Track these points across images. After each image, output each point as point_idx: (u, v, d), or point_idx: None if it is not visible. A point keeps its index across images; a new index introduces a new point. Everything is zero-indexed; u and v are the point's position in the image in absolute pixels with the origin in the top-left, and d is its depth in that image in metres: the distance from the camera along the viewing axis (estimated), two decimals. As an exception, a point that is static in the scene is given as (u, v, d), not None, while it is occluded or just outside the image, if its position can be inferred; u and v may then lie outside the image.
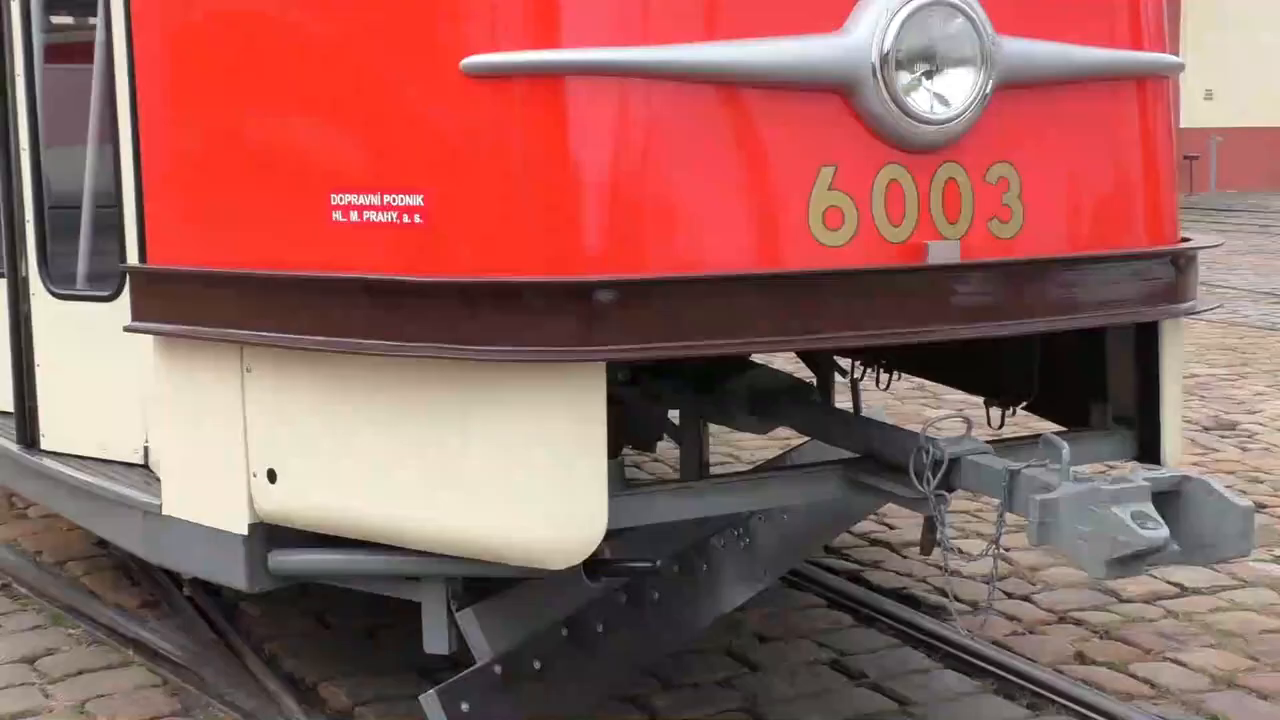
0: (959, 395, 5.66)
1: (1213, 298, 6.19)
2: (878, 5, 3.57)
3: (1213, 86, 29.29)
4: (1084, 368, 4.41)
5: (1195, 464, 7.48)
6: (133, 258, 4.22)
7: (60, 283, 4.90)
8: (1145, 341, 4.22)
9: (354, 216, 3.55)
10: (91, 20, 4.73)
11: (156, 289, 4.09)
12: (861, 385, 5.24)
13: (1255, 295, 14.60)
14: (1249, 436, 8.44)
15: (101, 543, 5.96)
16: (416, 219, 3.45)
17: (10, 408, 5.14)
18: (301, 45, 3.73)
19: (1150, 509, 3.32)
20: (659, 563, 3.89)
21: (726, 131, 3.50)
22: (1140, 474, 3.49)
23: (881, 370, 5.20)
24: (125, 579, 5.91)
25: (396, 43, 3.54)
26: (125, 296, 4.24)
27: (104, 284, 4.72)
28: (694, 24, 3.48)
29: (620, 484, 3.98)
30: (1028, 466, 3.55)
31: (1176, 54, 4.29)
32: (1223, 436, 8.41)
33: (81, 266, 4.90)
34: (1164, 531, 3.28)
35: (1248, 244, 19.63)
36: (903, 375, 5.29)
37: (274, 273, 3.70)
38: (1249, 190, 30.11)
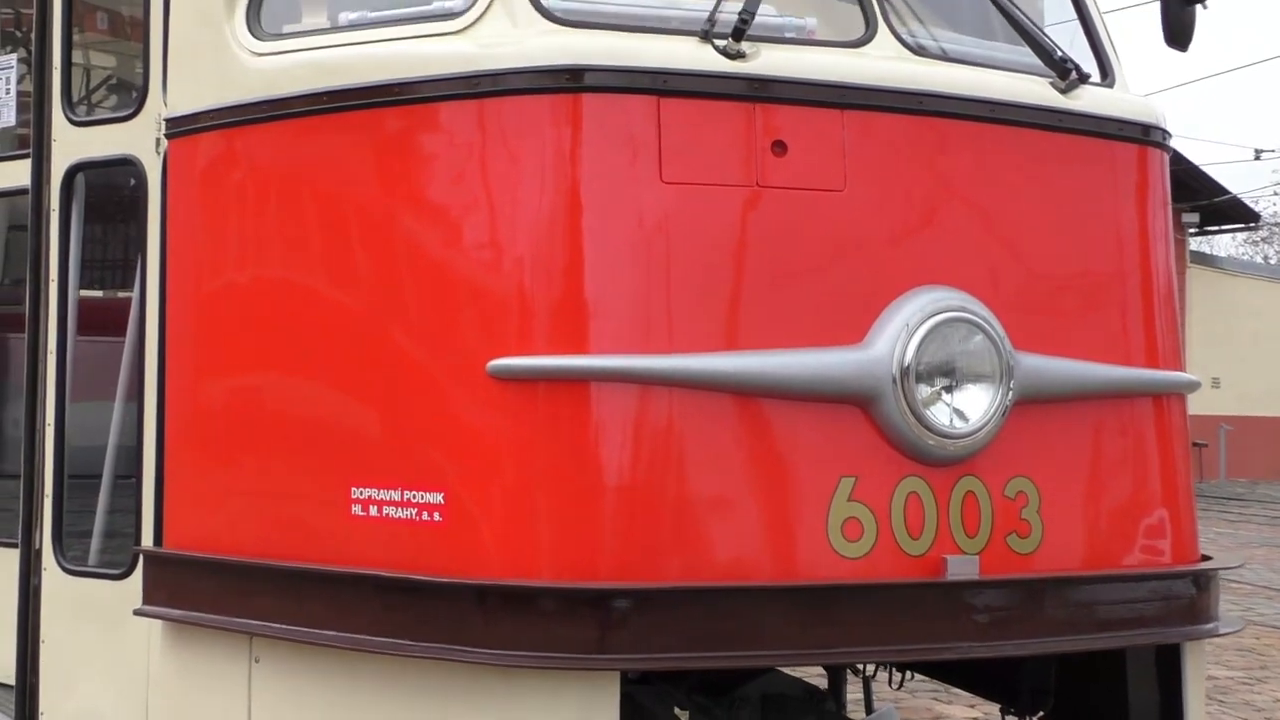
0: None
1: (1234, 608, 6.11)
2: (898, 319, 3.64)
3: (1220, 375, 29.58)
4: (1105, 679, 4.34)
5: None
6: (148, 539, 4.21)
7: (73, 558, 4.88)
8: (1167, 658, 4.17)
9: (374, 511, 3.55)
10: (123, 294, 4.82)
11: (169, 573, 4.07)
12: (874, 680, 5.16)
13: (1270, 592, 14.43)
14: (1270, 747, 8.24)
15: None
16: (436, 517, 3.46)
17: (11, 680, 5.06)
18: (329, 323, 3.79)
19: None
20: None
21: (746, 441, 3.53)
22: None
23: (894, 669, 5.13)
24: None
25: (425, 334, 3.60)
26: (137, 576, 4.22)
27: (116, 561, 4.69)
28: (716, 333, 3.55)
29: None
30: None
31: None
32: (1245, 749, 8.20)
33: (95, 541, 4.89)
34: None
35: (1259, 536, 19.52)
36: (915, 674, 5.21)
37: (288, 565, 3.69)
38: (1259, 480, 30.13)
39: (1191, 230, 29.61)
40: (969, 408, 3.67)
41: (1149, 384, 4.09)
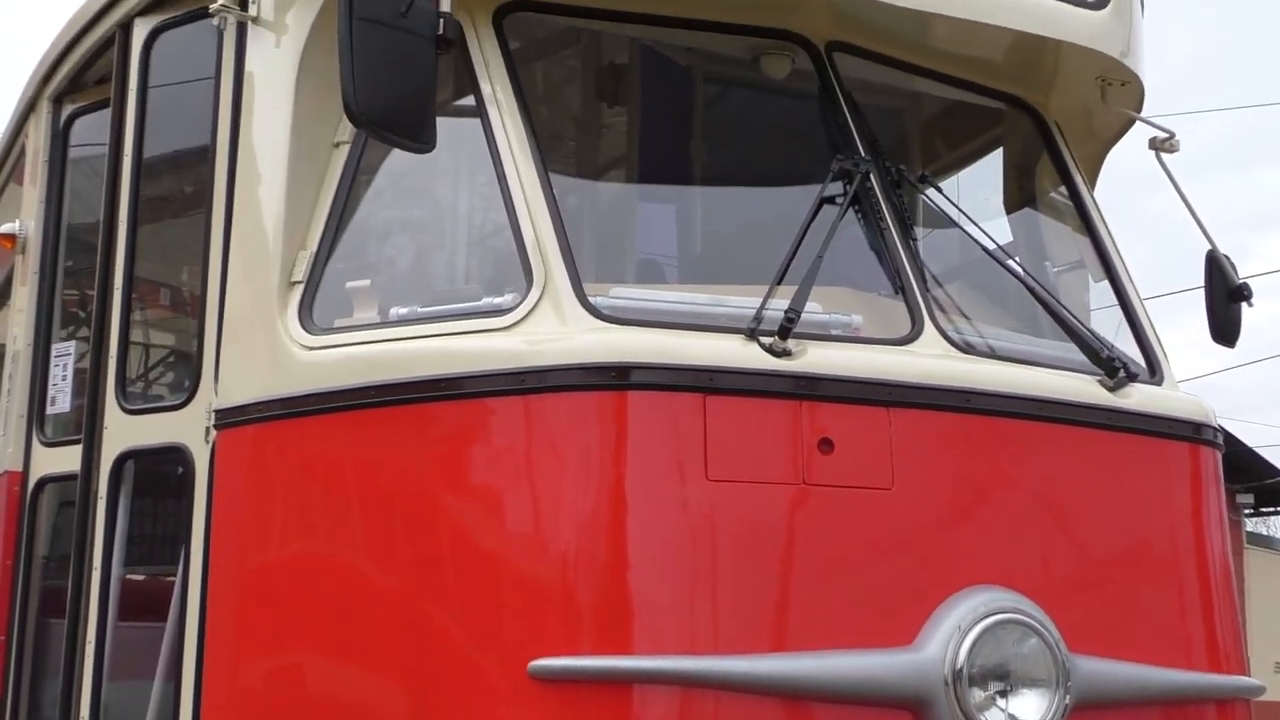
0: None
1: None
2: (949, 621, 3.56)
3: (1282, 659, 28.81)
4: None
5: None
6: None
7: None
8: None
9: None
10: (165, 575, 4.78)
11: None
12: None
13: None
14: None
15: None
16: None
17: None
18: (371, 609, 3.73)
19: None
20: None
21: (795, 746, 3.42)
22: None
23: None
24: None
25: (466, 624, 3.54)
26: None
27: None
28: (763, 633, 3.47)
29: None
30: None
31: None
32: None
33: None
34: None
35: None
36: None
37: None
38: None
39: (1247, 511, 29.26)
40: (1024, 713, 3.56)
41: (1210, 689, 3.97)
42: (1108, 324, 4.65)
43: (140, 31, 4.76)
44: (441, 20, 3.58)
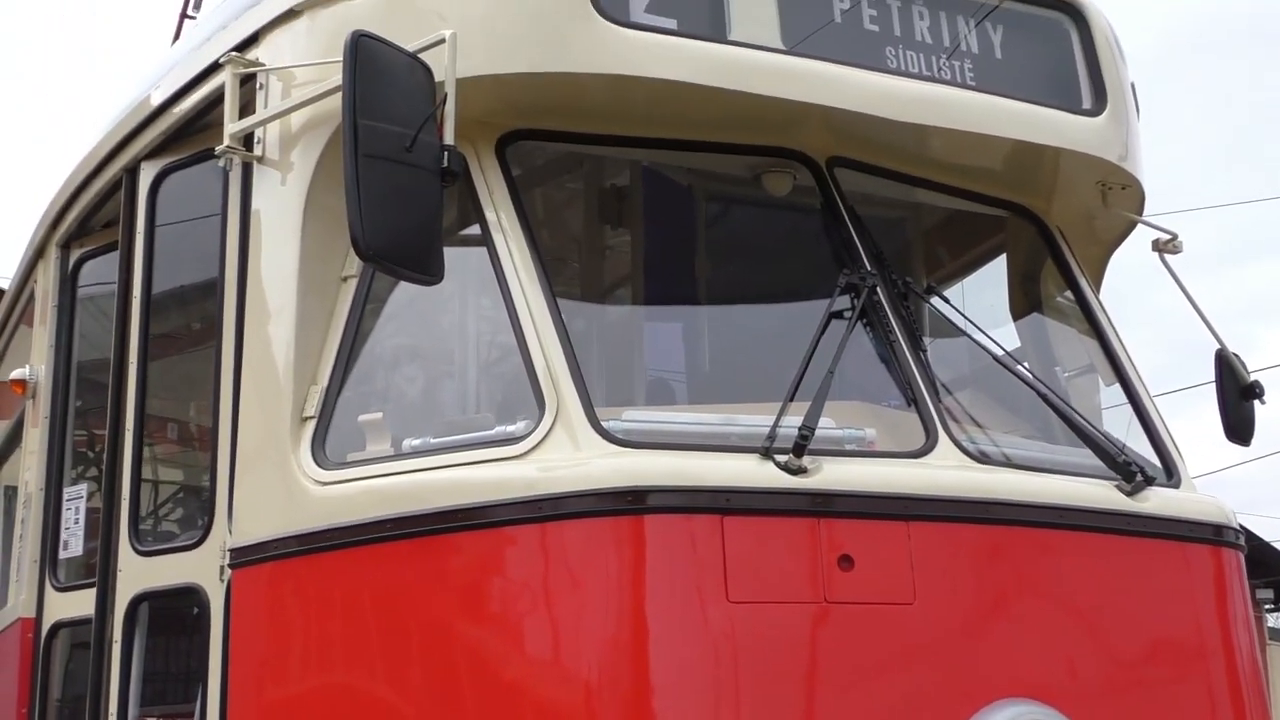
0: None
1: None
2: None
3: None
4: None
5: None
6: None
7: None
8: None
9: None
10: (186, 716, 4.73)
11: None
12: None
13: None
14: None
15: None
16: None
17: None
18: None
19: None
20: None
21: None
22: None
23: None
24: None
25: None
26: None
27: None
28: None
29: None
30: None
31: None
32: None
33: None
34: None
35: None
36: None
37: None
38: None
39: (1268, 607, 28.98)
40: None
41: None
42: (1119, 422, 4.64)
43: (147, 174, 4.81)
44: (445, 153, 3.60)
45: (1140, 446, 4.47)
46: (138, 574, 4.54)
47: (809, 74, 4.19)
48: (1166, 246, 4.96)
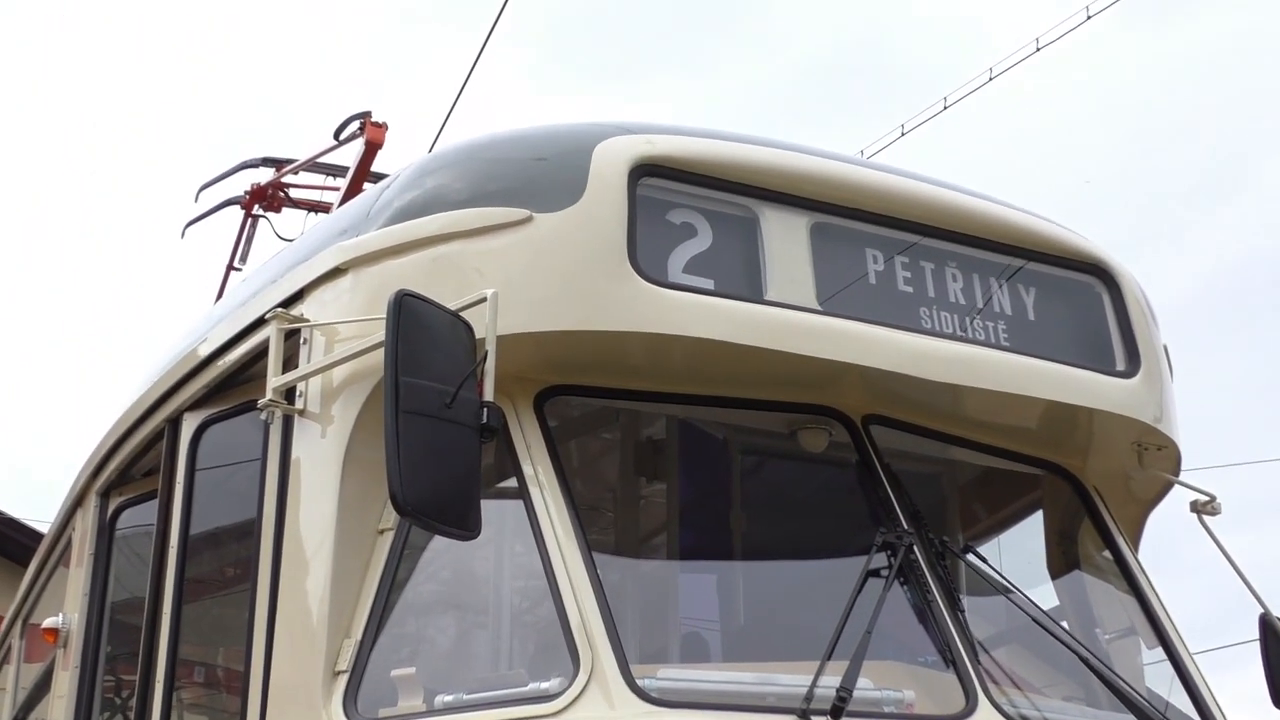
0: None
1: None
2: None
3: None
4: None
5: None
6: None
7: None
8: None
9: None
10: None
11: None
12: None
13: None
14: None
15: None
16: None
17: None
18: None
19: None
20: None
21: None
22: None
23: None
24: None
25: None
26: None
27: None
28: None
29: None
30: None
31: None
32: None
33: None
34: None
35: None
36: None
37: None
38: None
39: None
40: None
41: None
42: (1161, 678, 4.56)
43: (189, 425, 4.86)
44: (485, 410, 3.64)
45: (1183, 704, 4.38)
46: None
47: (844, 334, 4.24)
48: (1205, 508, 4.93)
